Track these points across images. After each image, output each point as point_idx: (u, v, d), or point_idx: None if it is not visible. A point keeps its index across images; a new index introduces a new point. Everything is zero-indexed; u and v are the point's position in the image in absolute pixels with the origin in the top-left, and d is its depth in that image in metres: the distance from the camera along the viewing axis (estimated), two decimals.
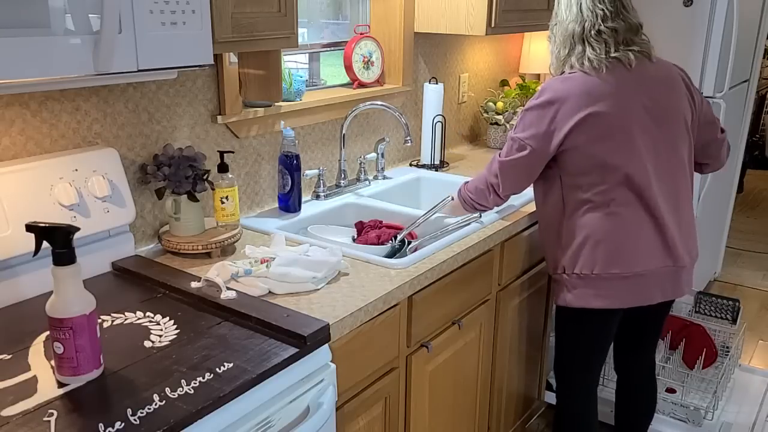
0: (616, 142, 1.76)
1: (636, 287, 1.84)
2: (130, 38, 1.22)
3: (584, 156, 1.78)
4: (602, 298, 1.85)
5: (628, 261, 1.81)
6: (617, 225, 1.79)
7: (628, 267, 1.81)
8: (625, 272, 1.81)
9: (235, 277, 1.50)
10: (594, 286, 1.84)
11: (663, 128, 1.82)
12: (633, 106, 1.78)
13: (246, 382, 1.14)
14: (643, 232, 1.81)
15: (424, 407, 1.81)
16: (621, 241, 1.80)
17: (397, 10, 2.47)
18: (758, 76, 3.88)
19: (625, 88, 1.78)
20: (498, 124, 2.90)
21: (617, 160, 1.76)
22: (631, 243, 1.80)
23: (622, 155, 1.77)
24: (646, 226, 1.81)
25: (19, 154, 1.46)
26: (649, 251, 1.81)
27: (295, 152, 1.97)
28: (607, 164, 1.77)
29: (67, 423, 1.01)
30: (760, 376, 2.85)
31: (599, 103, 1.74)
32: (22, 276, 1.41)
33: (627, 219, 1.79)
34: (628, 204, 1.79)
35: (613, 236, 1.80)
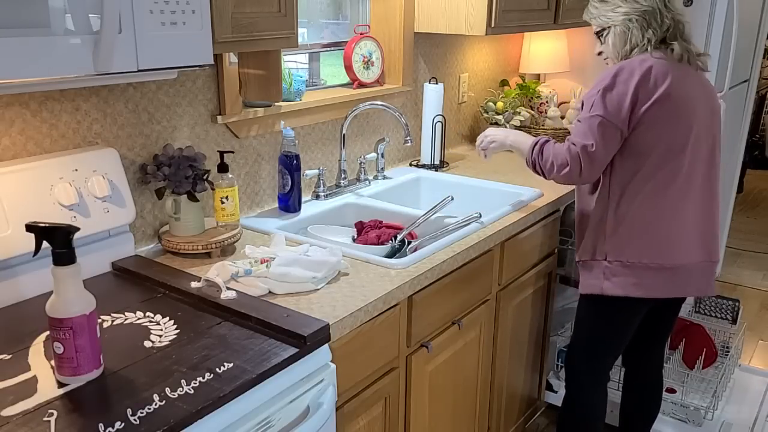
0: (681, 128, 1.80)
1: (675, 279, 1.87)
2: (130, 38, 1.22)
3: (650, 138, 1.79)
4: (643, 288, 1.87)
5: (672, 252, 1.84)
6: (665, 216, 1.82)
7: (671, 258, 1.84)
8: (667, 263, 1.84)
9: (235, 277, 1.50)
10: (637, 275, 1.85)
11: (712, 127, 1.88)
12: (696, 96, 1.83)
13: (246, 382, 1.14)
14: (689, 226, 1.84)
15: (424, 407, 1.81)
16: (669, 232, 1.84)
17: (397, 10, 2.47)
18: (758, 76, 3.88)
19: (692, 79, 1.83)
20: (498, 124, 2.90)
21: (678, 147, 1.80)
22: (678, 235, 1.84)
23: (683, 144, 1.81)
24: (693, 219, 1.85)
25: (19, 154, 1.46)
26: (691, 245, 1.86)
27: (295, 152, 1.97)
28: (669, 150, 1.80)
29: (67, 423, 1.01)
30: (760, 376, 2.85)
31: (672, 86, 1.78)
32: (22, 276, 1.41)
33: (678, 211, 1.83)
34: (681, 196, 1.83)
35: (662, 227, 1.83)
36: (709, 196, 1.90)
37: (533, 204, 2.17)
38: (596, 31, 1.96)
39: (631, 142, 1.83)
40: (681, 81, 1.80)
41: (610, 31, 1.91)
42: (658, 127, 1.79)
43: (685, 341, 2.75)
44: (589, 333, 2.06)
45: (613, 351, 2.07)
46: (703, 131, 1.85)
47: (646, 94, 1.78)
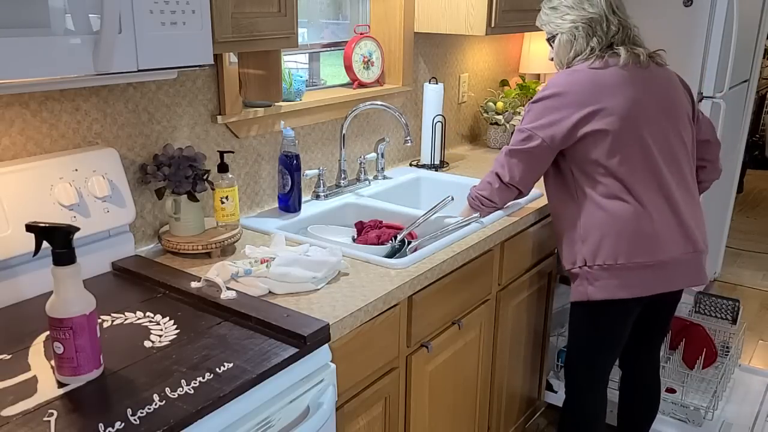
0: (625, 134, 1.80)
1: (660, 274, 1.85)
2: (130, 38, 1.22)
3: (594, 147, 1.80)
4: (628, 288, 1.85)
5: (651, 248, 1.82)
6: (636, 213, 1.81)
7: (651, 255, 1.82)
8: (648, 260, 1.83)
9: (235, 277, 1.50)
10: (618, 276, 1.84)
11: (673, 118, 1.87)
12: (643, 97, 1.83)
13: (246, 382, 1.14)
14: (662, 219, 1.83)
15: (424, 407, 1.81)
16: (642, 229, 1.81)
17: (397, 10, 2.47)
18: (758, 76, 3.88)
19: (633, 80, 1.83)
20: (498, 124, 2.90)
21: (630, 150, 1.81)
22: (652, 230, 1.82)
23: (633, 145, 1.81)
24: (664, 212, 1.83)
25: (19, 154, 1.46)
26: (670, 238, 1.84)
27: (295, 152, 1.97)
28: (618, 154, 1.80)
29: (67, 423, 1.01)
30: (760, 376, 2.85)
31: (606, 97, 1.79)
32: (22, 276, 1.41)
33: (645, 206, 1.82)
34: (648, 192, 1.82)
35: (633, 224, 1.81)
36: (683, 187, 1.88)
37: (533, 204, 2.17)
38: (547, 37, 1.99)
39: (575, 152, 1.85)
40: (618, 88, 1.80)
41: (557, 39, 1.93)
42: (597, 140, 1.80)
43: (685, 341, 2.75)
44: (583, 339, 2.05)
45: (608, 354, 2.06)
46: (660, 126, 1.85)
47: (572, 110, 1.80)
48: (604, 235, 1.83)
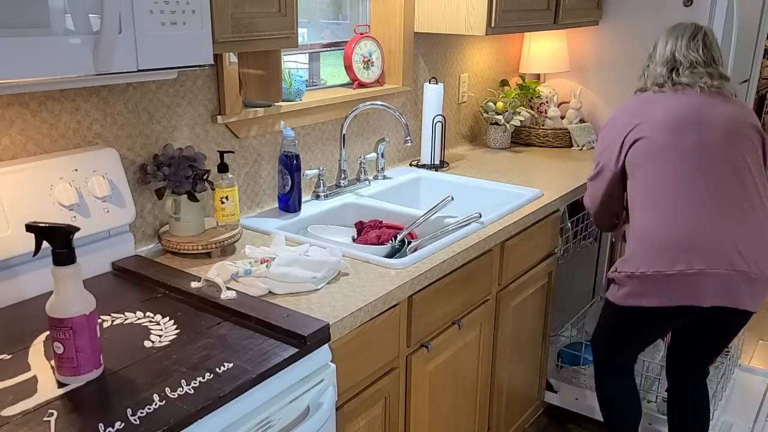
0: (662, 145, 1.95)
1: (681, 286, 1.87)
2: (130, 38, 1.22)
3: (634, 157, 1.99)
4: (646, 297, 1.92)
5: (671, 259, 1.86)
6: (661, 224, 1.90)
7: (670, 265, 1.86)
8: (666, 270, 1.86)
9: (235, 277, 1.50)
10: (638, 285, 1.92)
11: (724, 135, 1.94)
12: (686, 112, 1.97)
13: (246, 382, 1.14)
14: (691, 232, 1.86)
15: (424, 407, 1.81)
16: (665, 240, 1.88)
17: (397, 10, 2.47)
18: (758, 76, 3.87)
19: (677, 99, 2.01)
20: (498, 124, 2.90)
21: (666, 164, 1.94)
22: (675, 242, 1.87)
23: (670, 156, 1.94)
24: (698, 226, 1.86)
25: (19, 154, 1.46)
26: (697, 251, 1.85)
27: (295, 152, 1.97)
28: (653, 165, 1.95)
29: (67, 423, 1.01)
30: (760, 376, 2.85)
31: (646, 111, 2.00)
32: (22, 276, 1.41)
33: (674, 218, 1.89)
34: (678, 205, 1.90)
35: (656, 235, 1.90)
36: (735, 205, 1.89)
37: (533, 204, 2.17)
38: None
39: (627, 165, 2.03)
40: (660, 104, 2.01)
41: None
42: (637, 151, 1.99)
43: None
44: (604, 331, 2.17)
45: (625, 351, 2.16)
46: (708, 142, 1.92)
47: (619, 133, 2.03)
48: (634, 245, 1.94)
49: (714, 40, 2.12)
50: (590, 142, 3.05)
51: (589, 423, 2.62)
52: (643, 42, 3.12)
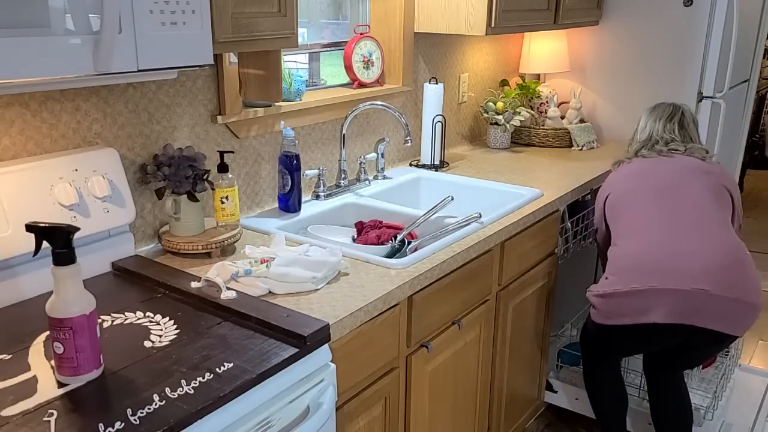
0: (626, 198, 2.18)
1: (635, 303, 1.98)
2: (130, 38, 1.22)
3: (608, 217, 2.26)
4: (604, 316, 2.07)
5: (628, 278, 2.00)
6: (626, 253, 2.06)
7: (625, 284, 2.00)
8: (622, 289, 2.00)
9: (235, 277, 1.50)
10: (603, 304, 2.06)
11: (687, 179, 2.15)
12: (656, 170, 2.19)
13: (246, 382, 1.14)
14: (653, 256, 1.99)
15: (424, 407, 1.81)
16: (626, 261, 2.04)
17: (397, 10, 2.47)
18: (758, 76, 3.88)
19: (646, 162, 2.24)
20: (498, 124, 2.90)
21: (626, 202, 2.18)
22: (634, 264, 2.00)
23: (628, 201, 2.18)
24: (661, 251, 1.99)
25: (19, 154, 1.46)
26: (659, 272, 1.96)
27: (295, 152, 1.97)
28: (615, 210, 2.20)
29: (67, 423, 1.01)
30: (760, 376, 2.85)
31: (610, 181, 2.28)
32: (22, 276, 1.41)
33: (635, 243, 2.06)
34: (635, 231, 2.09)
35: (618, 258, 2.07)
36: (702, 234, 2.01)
37: (533, 204, 2.17)
38: None
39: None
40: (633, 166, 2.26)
41: None
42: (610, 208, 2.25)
43: None
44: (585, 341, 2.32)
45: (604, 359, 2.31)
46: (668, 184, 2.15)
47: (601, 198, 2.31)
48: (607, 270, 2.11)
49: (691, 121, 2.34)
50: (590, 142, 3.05)
51: (589, 423, 2.62)
52: (643, 42, 3.13)
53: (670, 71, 3.09)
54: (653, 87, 3.13)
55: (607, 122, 3.29)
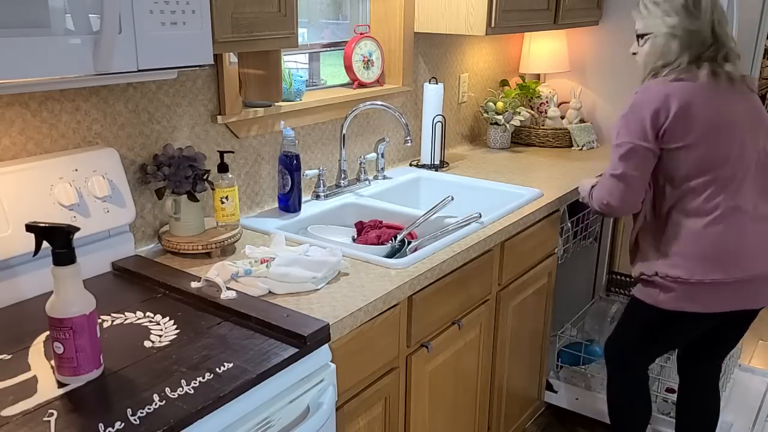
0: (712, 145, 1.79)
1: (738, 292, 1.84)
2: (130, 38, 1.22)
3: (679, 157, 1.82)
4: (699, 303, 1.86)
5: (728, 266, 1.82)
6: (715, 230, 1.81)
7: (728, 273, 1.81)
8: (725, 278, 1.82)
9: (235, 277, 1.50)
10: (691, 291, 1.84)
11: (758, 133, 1.86)
12: (730, 112, 1.82)
13: (246, 382, 1.14)
14: (744, 236, 1.81)
15: (424, 407, 1.81)
16: (720, 246, 1.81)
17: (397, 10, 2.47)
18: (758, 76, 3.88)
19: (722, 98, 1.82)
20: (498, 124, 2.90)
21: (716, 163, 1.80)
22: (734, 247, 1.82)
23: (721, 158, 1.80)
24: (748, 230, 1.82)
25: (19, 154, 1.46)
26: (752, 256, 1.82)
27: (295, 152, 1.97)
28: (704, 166, 1.80)
29: (67, 423, 1.01)
30: (760, 376, 2.85)
31: (693, 108, 1.78)
32: (22, 276, 1.41)
33: (725, 223, 1.81)
34: (727, 207, 1.81)
35: (712, 241, 1.81)
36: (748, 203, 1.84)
37: (533, 204, 2.17)
38: (639, 33, 1.93)
39: (663, 162, 1.85)
40: (706, 102, 1.80)
41: (649, 39, 1.88)
42: (683, 148, 1.80)
43: None
44: (633, 333, 2.08)
45: (653, 352, 2.12)
46: (747, 145, 1.83)
47: (664, 116, 1.79)
48: (682, 250, 1.84)
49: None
50: (590, 142, 3.05)
51: (589, 423, 2.62)
52: None
53: None
54: None
55: (607, 122, 3.28)
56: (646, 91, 1.85)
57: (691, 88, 1.80)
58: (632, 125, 1.84)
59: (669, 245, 1.88)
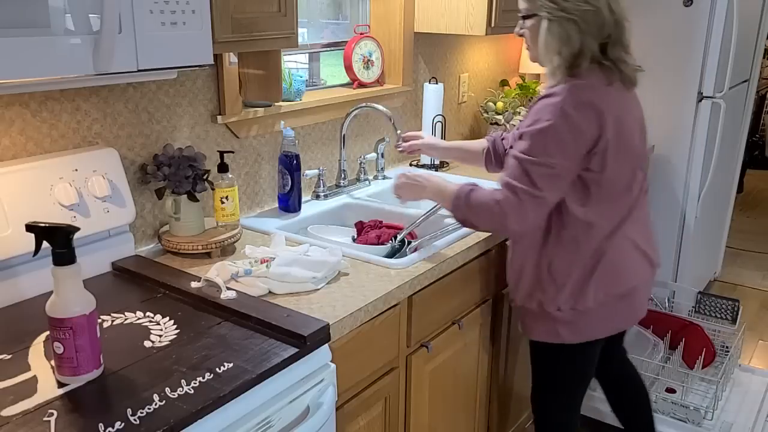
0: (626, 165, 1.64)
1: (634, 302, 1.78)
2: (130, 38, 1.22)
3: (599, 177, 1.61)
4: (612, 323, 1.76)
5: (626, 279, 1.72)
6: (615, 246, 1.68)
7: (626, 284, 1.72)
8: (624, 291, 1.72)
9: (235, 277, 1.50)
10: (595, 316, 1.71)
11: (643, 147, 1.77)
12: (635, 124, 1.68)
13: (246, 382, 1.14)
14: (631, 245, 1.72)
15: (424, 407, 1.81)
16: (620, 261, 1.70)
17: (397, 10, 2.47)
18: (758, 76, 3.88)
19: (629, 104, 1.68)
20: (498, 124, 2.90)
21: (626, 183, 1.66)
22: (626, 260, 1.72)
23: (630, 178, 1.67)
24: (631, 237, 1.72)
25: (19, 154, 1.46)
26: (637, 262, 1.76)
27: (295, 152, 1.97)
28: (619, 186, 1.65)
29: (67, 423, 1.01)
30: (760, 376, 2.85)
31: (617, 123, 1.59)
32: (22, 276, 1.41)
33: (621, 237, 1.68)
34: (623, 222, 1.68)
35: (613, 259, 1.68)
36: (646, 211, 1.78)
37: None
38: (522, 15, 1.67)
39: (577, 183, 1.62)
40: (626, 113, 1.63)
41: (541, 24, 1.59)
42: (607, 170, 1.60)
43: (684, 341, 2.75)
44: (556, 379, 1.90)
45: (585, 385, 1.92)
46: (641, 158, 1.72)
47: (593, 135, 1.56)
48: (580, 277, 1.67)
49: None
50: None
51: (588, 423, 2.62)
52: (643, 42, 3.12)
53: (670, 71, 3.09)
54: (653, 87, 3.13)
55: None
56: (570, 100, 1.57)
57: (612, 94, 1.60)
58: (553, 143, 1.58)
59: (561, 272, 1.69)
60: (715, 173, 3.22)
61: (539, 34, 1.62)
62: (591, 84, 1.59)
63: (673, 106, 3.13)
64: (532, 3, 1.63)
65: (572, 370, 1.87)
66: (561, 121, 1.55)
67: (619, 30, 1.62)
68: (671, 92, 3.11)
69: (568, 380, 1.89)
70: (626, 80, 1.65)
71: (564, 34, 1.58)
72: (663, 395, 2.52)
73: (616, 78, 1.62)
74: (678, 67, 3.07)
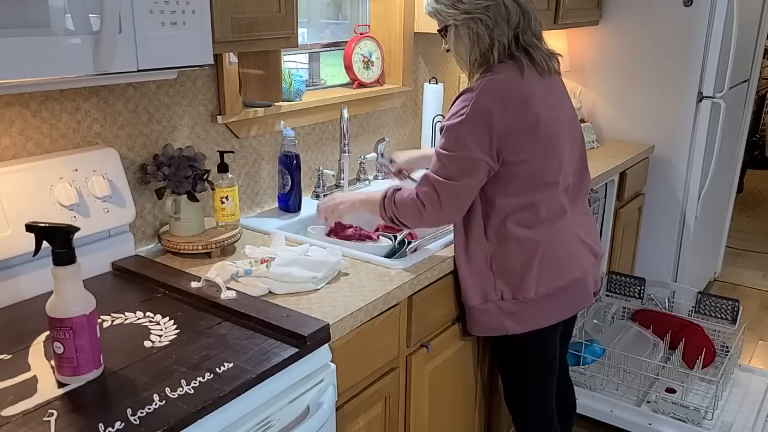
0: (551, 155, 1.67)
1: (579, 290, 1.79)
2: (130, 38, 1.22)
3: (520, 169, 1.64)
4: (556, 313, 1.77)
5: (569, 269, 1.75)
6: (555, 237, 1.71)
7: (569, 275, 1.74)
8: (567, 282, 1.74)
9: (235, 277, 1.50)
10: (542, 305, 1.73)
11: (575, 138, 1.80)
12: (559, 112, 1.70)
13: (246, 382, 1.14)
14: (574, 237, 1.77)
15: (424, 407, 1.81)
16: (562, 252, 1.73)
17: (397, 10, 2.47)
18: (758, 76, 3.88)
19: (552, 92, 1.70)
20: None
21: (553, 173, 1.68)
22: (568, 251, 1.75)
23: (557, 168, 1.69)
24: (573, 229, 1.77)
25: (19, 154, 1.46)
26: (580, 253, 1.79)
27: (295, 152, 1.97)
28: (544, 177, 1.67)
29: (67, 423, 1.01)
30: (760, 376, 2.85)
31: (536, 112, 1.61)
32: (22, 276, 1.41)
33: (561, 229, 1.72)
34: (560, 213, 1.72)
35: (554, 250, 1.71)
36: (586, 206, 1.87)
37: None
38: (438, 28, 1.71)
39: (500, 173, 1.64)
40: (543, 102, 1.64)
41: (450, 32, 1.67)
42: (527, 160, 1.63)
43: (684, 341, 2.75)
44: (517, 373, 1.90)
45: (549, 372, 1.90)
46: (569, 147, 1.74)
47: (509, 125, 1.59)
48: (527, 266, 1.69)
49: None
50: (590, 142, 3.05)
51: (588, 423, 2.62)
52: (643, 42, 3.13)
53: (670, 71, 3.09)
54: (653, 87, 3.13)
55: (607, 122, 3.29)
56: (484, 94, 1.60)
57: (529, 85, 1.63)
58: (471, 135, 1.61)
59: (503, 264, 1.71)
60: (715, 173, 3.22)
61: (454, 47, 1.69)
62: (506, 76, 1.62)
63: (673, 106, 3.13)
64: (439, 17, 1.68)
65: (532, 360, 1.87)
66: (475, 114, 1.59)
67: (526, 18, 1.65)
68: (671, 92, 3.11)
69: (528, 371, 1.89)
70: (539, 67, 1.66)
71: (473, 34, 1.64)
72: (663, 395, 2.52)
73: (528, 66, 1.64)
74: (678, 67, 3.07)
